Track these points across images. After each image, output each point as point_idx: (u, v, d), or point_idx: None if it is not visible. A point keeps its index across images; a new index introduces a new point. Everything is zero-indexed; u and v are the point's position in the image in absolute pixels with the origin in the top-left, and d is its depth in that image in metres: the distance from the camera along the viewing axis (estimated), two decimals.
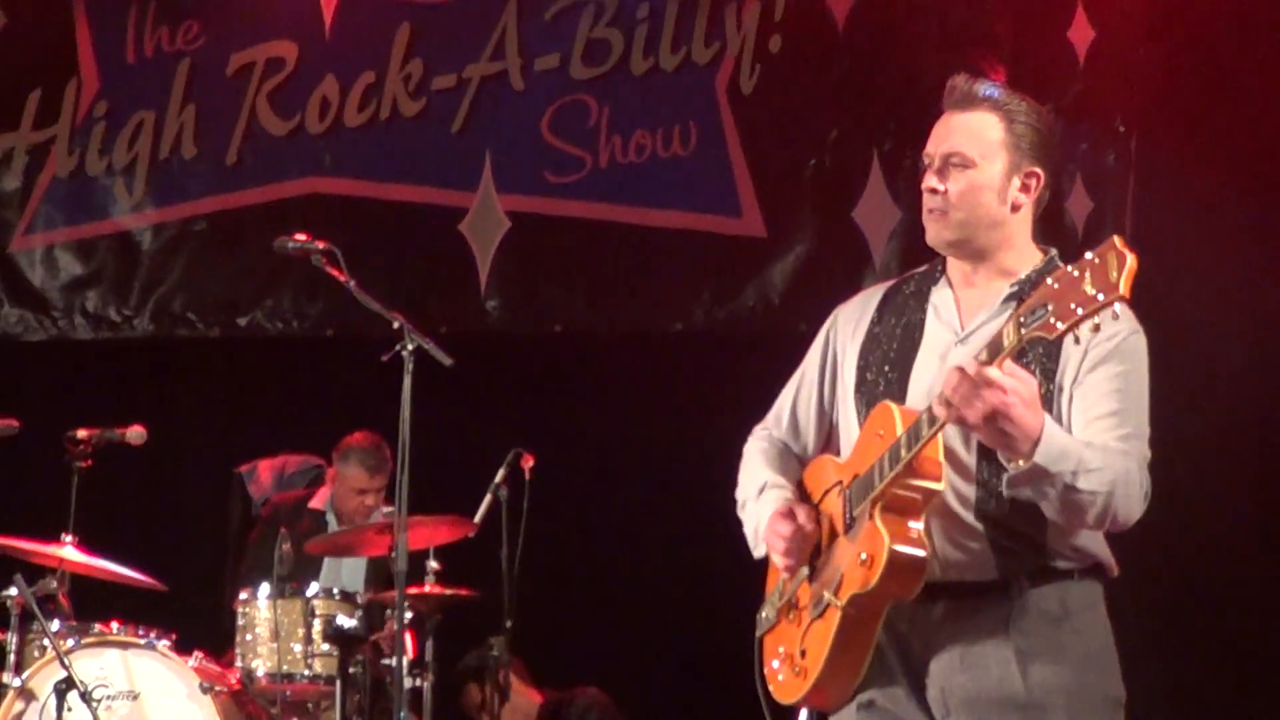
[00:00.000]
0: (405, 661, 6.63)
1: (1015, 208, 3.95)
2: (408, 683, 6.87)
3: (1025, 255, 3.98)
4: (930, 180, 3.96)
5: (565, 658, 8.25)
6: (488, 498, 7.50)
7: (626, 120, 9.12)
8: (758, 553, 4.17)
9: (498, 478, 7.52)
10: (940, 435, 3.69)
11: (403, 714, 6.41)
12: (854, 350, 4.09)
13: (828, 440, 4.20)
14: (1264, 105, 8.24)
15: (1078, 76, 8.53)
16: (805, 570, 3.97)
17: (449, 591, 7.37)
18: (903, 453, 3.67)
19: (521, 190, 9.20)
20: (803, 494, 4.13)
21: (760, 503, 4.12)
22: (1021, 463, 3.55)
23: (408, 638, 6.92)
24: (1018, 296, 3.80)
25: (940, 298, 4.02)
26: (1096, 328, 3.38)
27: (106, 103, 9.66)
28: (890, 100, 8.60)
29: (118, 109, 9.64)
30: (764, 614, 4.17)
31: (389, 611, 6.87)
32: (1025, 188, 3.95)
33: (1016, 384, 3.49)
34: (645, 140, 9.07)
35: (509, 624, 7.63)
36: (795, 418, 4.27)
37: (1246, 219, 8.27)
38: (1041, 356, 3.76)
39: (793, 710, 4.09)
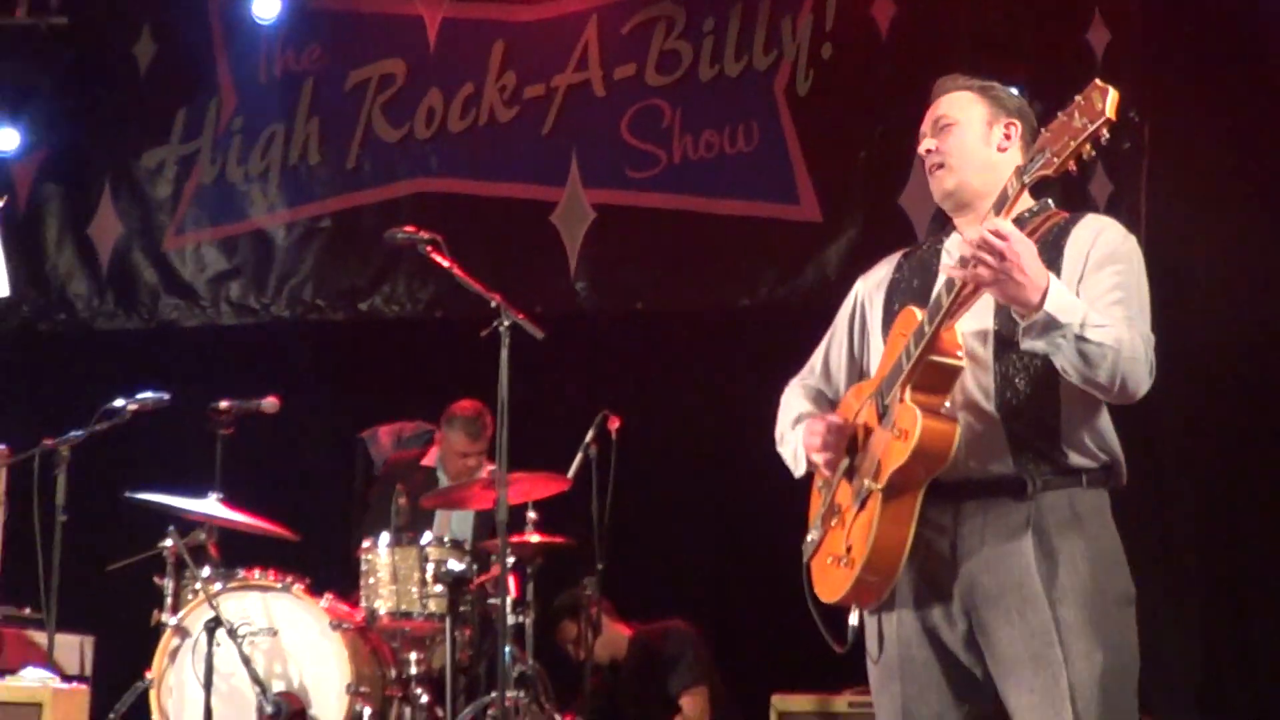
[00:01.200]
0: (509, 601, 6.61)
1: (1001, 149, 3.96)
2: (511, 619, 6.84)
3: (1020, 201, 3.84)
4: (924, 144, 4.02)
5: (650, 596, 8.20)
6: (579, 455, 7.49)
7: (696, 121, 9.07)
8: (798, 471, 4.13)
9: (587, 438, 7.51)
10: (958, 327, 3.68)
11: (507, 647, 6.38)
12: (879, 298, 4.10)
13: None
14: (1263, 94, 8.19)
15: (1096, 73, 8.33)
16: (844, 465, 3.90)
17: (546, 539, 7.34)
18: (926, 328, 3.63)
19: (605, 185, 9.17)
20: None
21: (797, 430, 4.09)
22: (1033, 314, 3.48)
23: (510, 580, 6.90)
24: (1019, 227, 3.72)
25: (951, 242, 4.02)
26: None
27: (243, 118, 9.70)
28: (929, 97, 8.45)
29: (252, 123, 9.67)
30: (810, 538, 4.09)
31: (493, 557, 6.82)
32: (1007, 135, 3.98)
33: (1023, 237, 3.48)
34: (713, 138, 9.03)
35: (600, 567, 7.61)
36: (828, 365, 4.24)
37: (1249, 194, 8.19)
38: (1045, 264, 3.62)
39: (845, 635, 3.96)
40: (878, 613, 3.90)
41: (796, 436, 4.07)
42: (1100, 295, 3.68)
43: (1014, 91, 4.06)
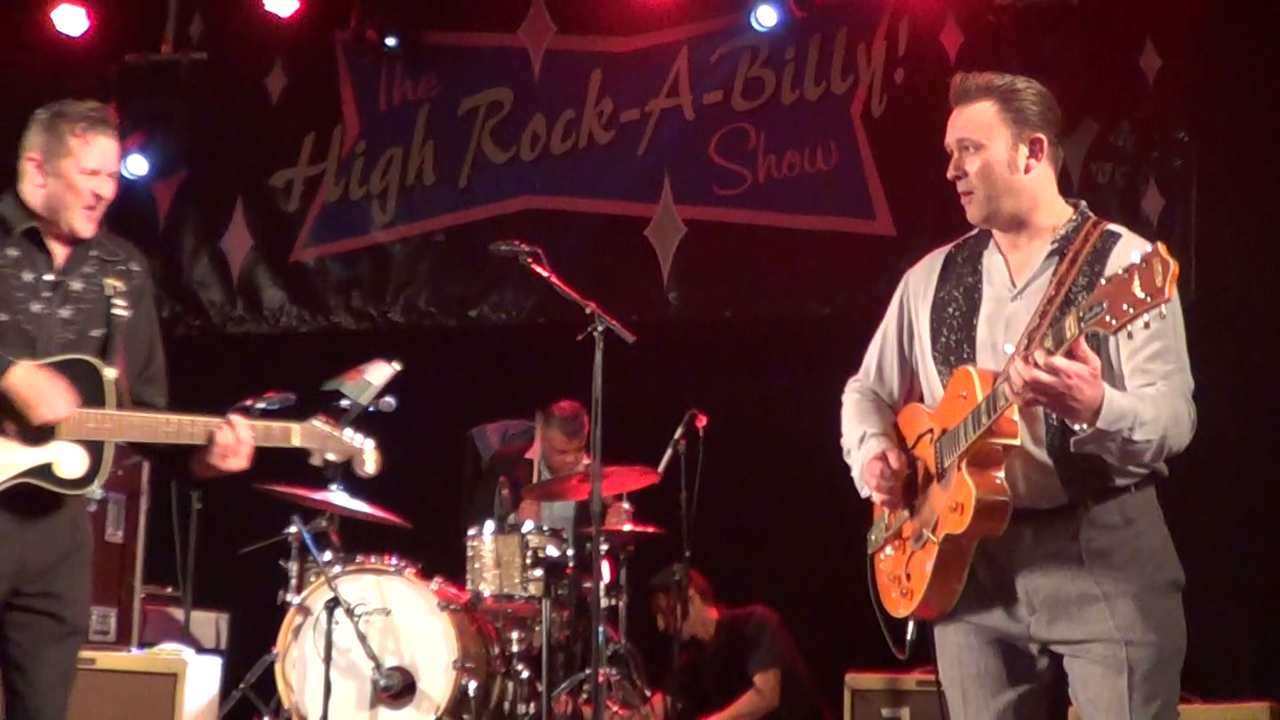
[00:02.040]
0: (603, 585, 6.58)
1: (1028, 170, 3.77)
2: (605, 602, 6.84)
3: (1055, 210, 3.82)
4: (951, 170, 3.83)
5: (733, 580, 8.13)
6: (668, 451, 7.44)
7: (779, 142, 9.00)
8: (864, 492, 4.05)
9: (676, 434, 7.46)
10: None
11: (601, 627, 6.32)
12: (925, 312, 3.96)
13: (910, 385, 4.07)
14: None
15: (1147, 96, 8.41)
16: (906, 512, 3.88)
17: (638, 527, 7.31)
18: (984, 420, 3.55)
19: (695, 201, 9.11)
20: (898, 436, 4.02)
21: (862, 450, 4.01)
22: (1085, 427, 3.44)
23: (605, 565, 6.84)
24: (1059, 252, 3.72)
25: (991, 262, 3.86)
26: (1147, 325, 3.22)
27: (365, 142, 9.73)
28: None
29: (373, 147, 9.70)
30: (872, 536, 4.08)
31: (589, 544, 6.76)
32: (1033, 153, 3.78)
33: (1080, 367, 3.36)
34: (794, 158, 8.96)
35: (688, 553, 7.55)
36: (881, 370, 4.14)
37: None
38: (1091, 274, 3.62)
39: (904, 643, 3.97)
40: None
41: (862, 457, 4.00)
42: (1140, 348, 3.61)
43: (1031, 88, 3.84)
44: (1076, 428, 3.48)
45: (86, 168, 4.40)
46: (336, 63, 9.80)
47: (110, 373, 4.38)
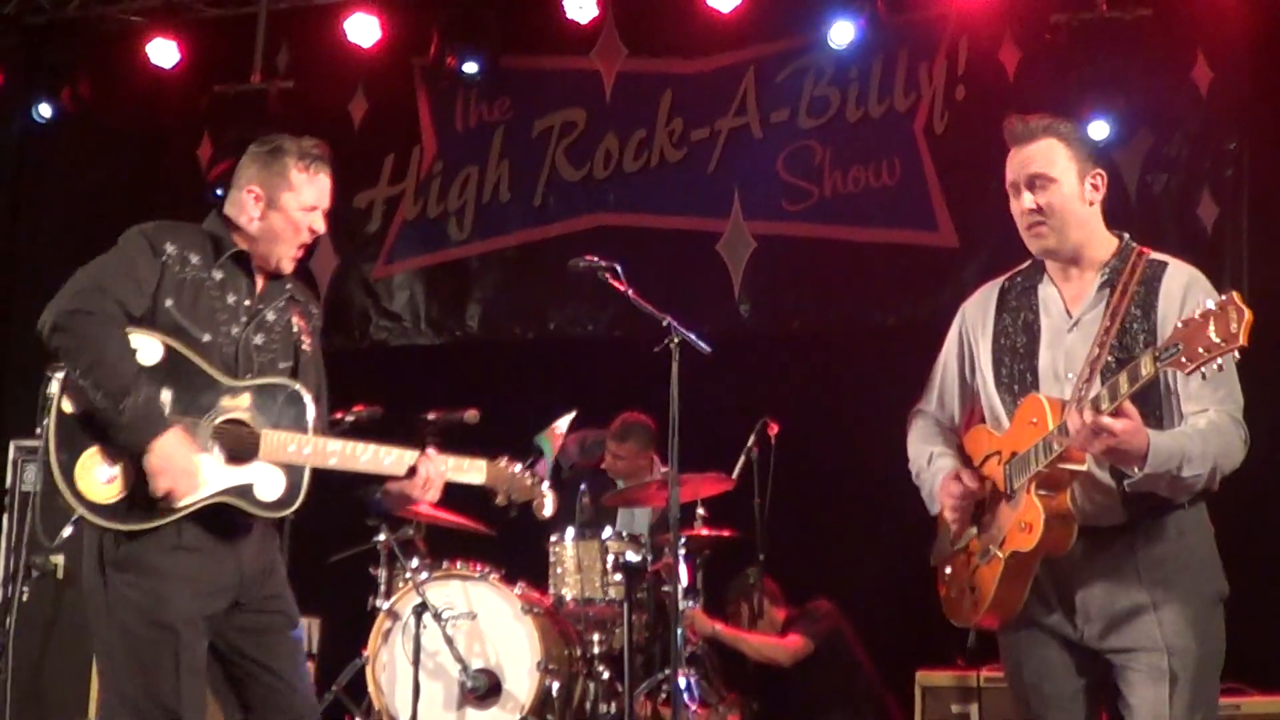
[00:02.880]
0: (680, 588, 6.61)
1: (1091, 203, 4.00)
2: (683, 604, 6.84)
3: (1104, 243, 4.05)
4: (1025, 203, 3.99)
5: (806, 582, 8.11)
6: (742, 458, 7.49)
7: (844, 158, 9.03)
8: (933, 510, 4.26)
9: (750, 442, 7.52)
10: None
11: (679, 630, 6.36)
12: (985, 344, 4.16)
13: (970, 411, 4.28)
14: None
15: (1200, 108, 8.41)
16: (973, 529, 4.05)
17: (713, 532, 7.34)
18: (1055, 447, 3.72)
19: (764, 217, 9.15)
20: (963, 456, 4.20)
21: (931, 469, 4.22)
22: (1136, 470, 3.65)
23: (682, 569, 6.89)
24: (1109, 284, 3.93)
25: (1047, 294, 4.07)
26: (1220, 368, 3.40)
27: (442, 162, 9.82)
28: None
29: (450, 166, 9.80)
30: (936, 547, 4.27)
31: (667, 549, 6.81)
32: (1095, 186, 4.00)
33: (1125, 424, 3.57)
34: (859, 174, 8.98)
35: (761, 557, 7.59)
36: (942, 398, 4.36)
37: None
38: (1146, 333, 3.82)
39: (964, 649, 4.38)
40: None
41: (933, 479, 4.19)
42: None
43: (1084, 128, 4.06)
44: (1129, 474, 3.67)
45: (307, 203, 4.45)
46: (415, 88, 9.92)
47: (310, 400, 4.40)
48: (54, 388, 7.71)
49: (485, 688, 6.72)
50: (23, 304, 10.08)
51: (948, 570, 4.20)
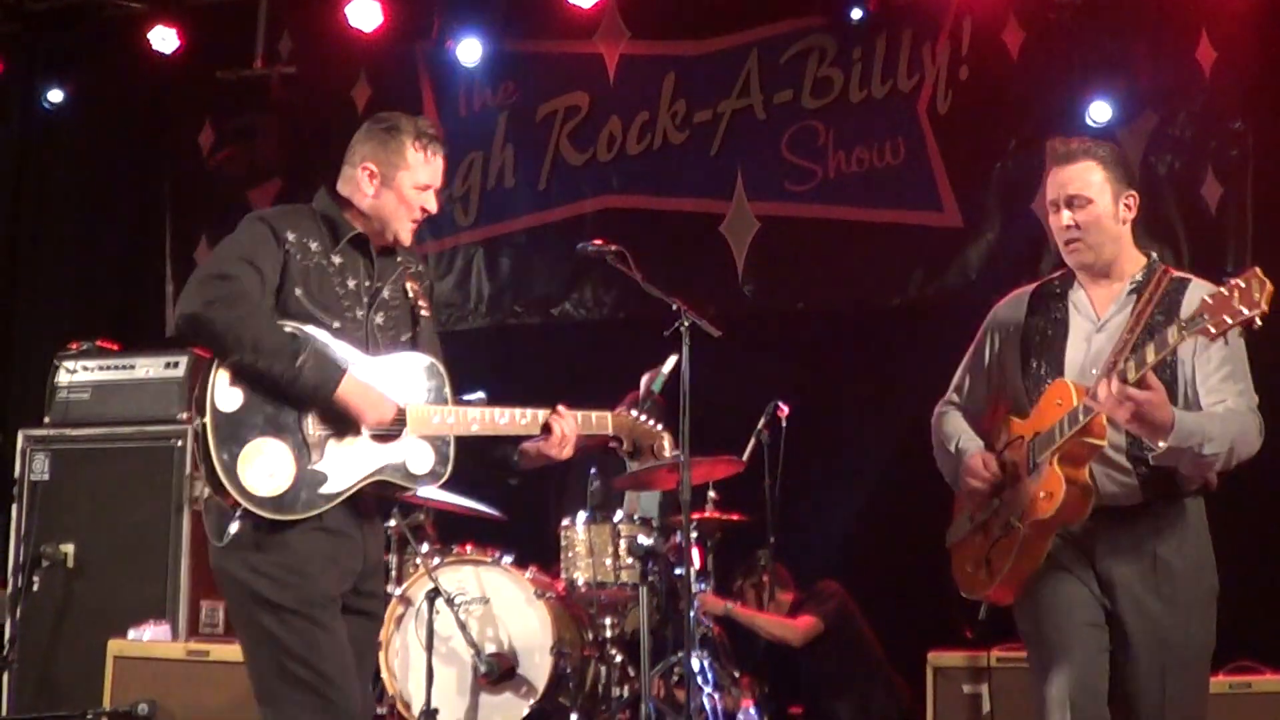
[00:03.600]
0: (692, 571, 6.62)
1: (1124, 221, 4.30)
2: (695, 587, 6.85)
3: (1134, 259, 4.34)
4: (1064, 220, 4.28)
5: (816, 565, 8.12)
6: (752, 441, 7.49)
7: (848, 139, 9.02)
8: (958, 489, 4.51)
9: (759, 424, 7.52)
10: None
11: (692, 613, 6.38)
12: (1015, 342, 4.43)
13: (995, 405, 4.52)
14: None
15: (1204, 88, 8.41)
16: (995, 503, 4.29)
17: (724, 515, 7.35)
18: (1080, 417, 3.99)
19: (767, 198, 9.14)
20: (987, 443, 4.45)
21: (958, 450, 4.47)
22: (1161, 443, 3.92)
23: (694, 552, 6.89)
24: (1137, 291, 4.25)
25: (1077, 297, 4.37)
26: (1244, 330, 3.71)
27: (447, 147, 9.72)
28: (1056, 113, 8.43)
29: (455, 151, 9.60)
30: (953, 530, 4.54)
31: (678, 531, 6.82)
32: (1128, 207, 4.29)
33: (1150, 395, 3.85)
34: (863, 154, 8.97)
35: (772, 540, 7.59)
36: (971, 393, 4.61)
37: None
38: (1164, 319, 4.08)
39: (974, 624, 4.47)
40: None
41: (958, 459, 4.44)
42: (1212, 372, 4.11)
43: (1118, 149, 4.35)
44: (1152, 448, 3.95)
45: (421, 183, 4.47)
46: (418, 73, 9.89)
47: (444, 370, 4.48)
48: (62, 377, 7.77)
49: (499, 672, 6.72)
50: (28, 292, 10.08)
51: (963, 546, 4.45)
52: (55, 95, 9.94)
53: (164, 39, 9.71)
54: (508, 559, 7.01)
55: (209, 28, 9.82)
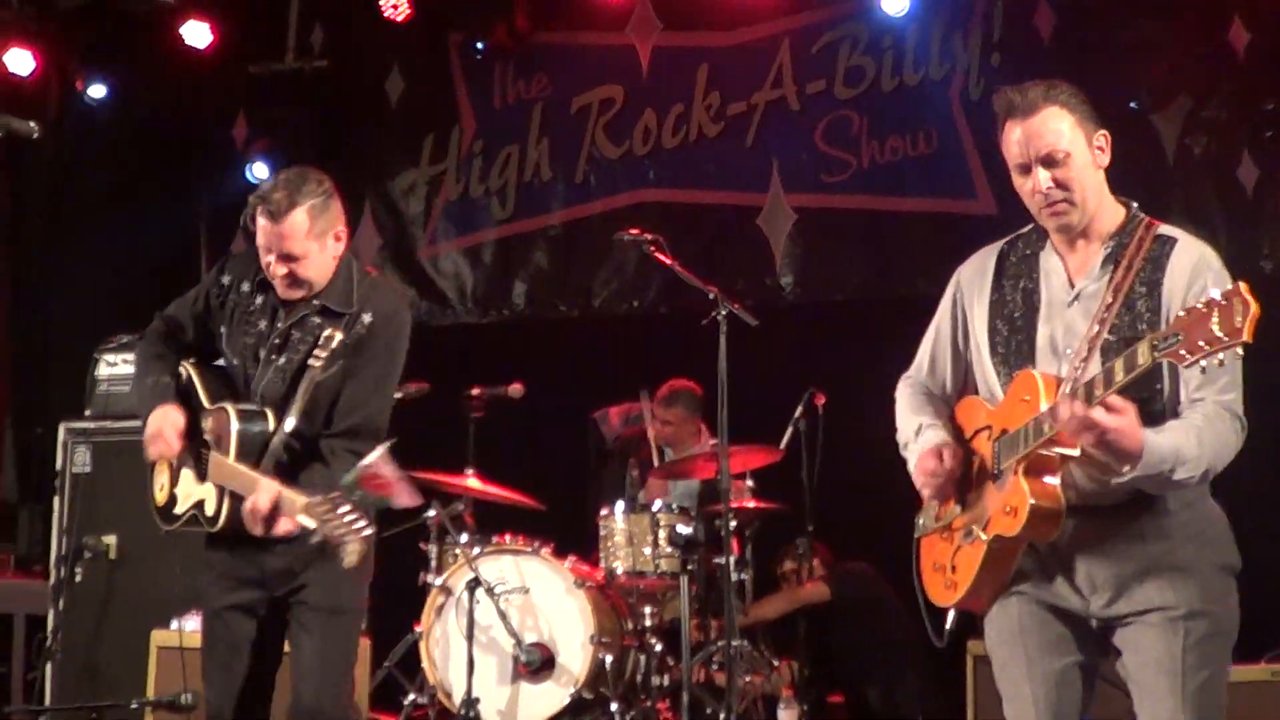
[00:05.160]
0: (731, 560, 6.64)
1: (1099, 168, 3.74)
2: (734, 576, 6.87)
3: (1112, 212, 3.77)
4: (1042, 182, 3.68)
5: (854, 552, 8.09)
6: (789, 429, 7.50)
7: (881, 128, 9.04)
8: (919, 484, 3.99)
9: (797, 413, 7.54)
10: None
11: (732, 600, 6.40)
12: (981, 312, 3.91)
13: (964, 381, 4.03)
14: None
15: (1238, 70, 8.37)
16: (957, 506, 3.82)
17: (762, 504, 7.36)
18: (1045, 428, 3.51)
19: (803, 189, 9.16)
20: (955, 429, 3.95)
21: (919, 442, 3.96)
22: (1126, 469, 3.44)
23: (733, 541, 6.91)
24: (1114, 258, 3.68)
25: (1050, 264, 3.80)
26: (1221, 363, 3.18)
27: (482, 141, 9.85)
28: (1087, 97, 8.38)
29: (490, 146, 9.82)
30: (921, 521, 4.03)
31: (717, 521, 6.84)
32: (1101, 149, 3.74)
33: (1119, 420, 3.37)
34: (897, 143, 8.99)
35: (810, 528, 7.60)
36: (934, 365, 4.12)
37: None
38: (1150, 311, 3.58)
39: (943, 633, 3.92)
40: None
41: (919, 448, 3.95)
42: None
43: (1077, 91, 3.76)
44: (1117, 470, 3.46)
45: (261, 245, 4.63)
46: (451, 65, 9.93)
47: (270, 424, 4.57)
48: (102, 370, 7.84)
49: (539, 662, 6.74)
50: (68, 286, 10.13)
51: (927, 546, 3.99)
52: (90, 91, 10.00)
53: (197, 34, 9.75)
54: (547, 548, 7.03)
55: (242, 22, 9.86)
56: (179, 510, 4.66)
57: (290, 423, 4.52)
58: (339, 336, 4.59)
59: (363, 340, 4.63)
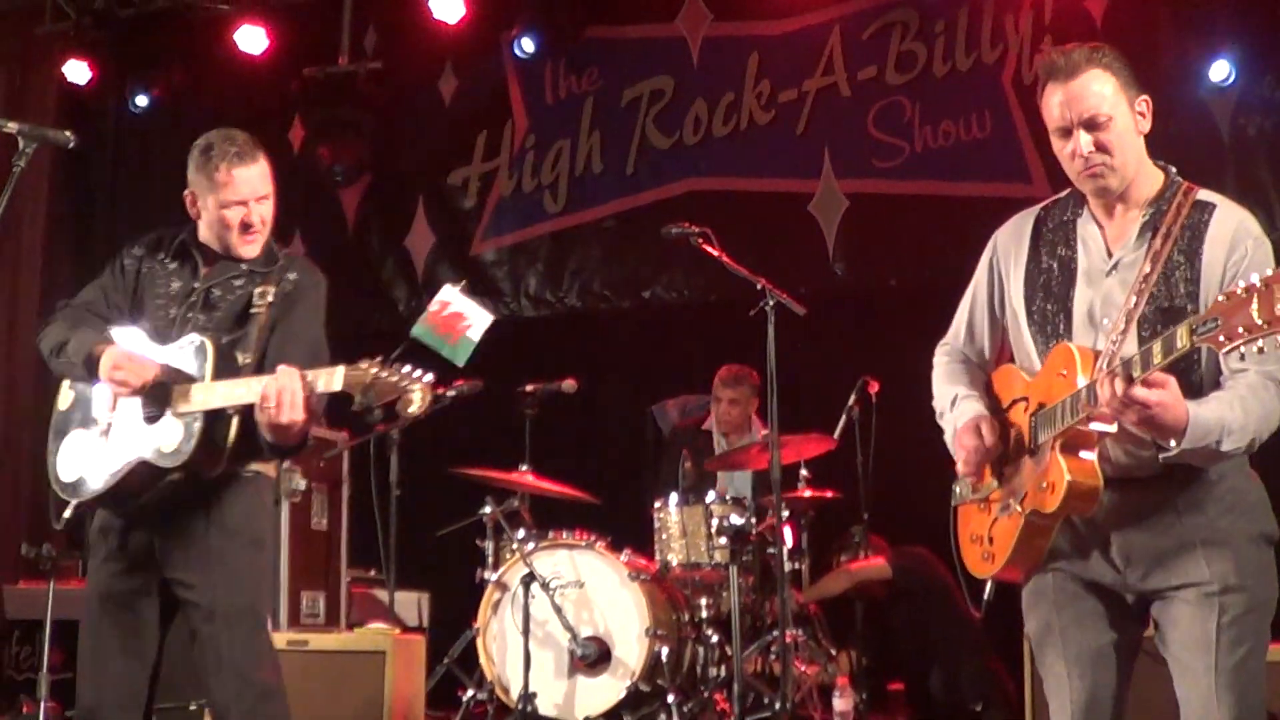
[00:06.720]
0: (785, 550, 6.58)
1: (1141, 134, 3.65)
2: (788, 566, 6.82)
3: (1151, 178, 3.69)
4: (1084, 146, 3.60)
5: (910, 539, 7.99)
6: (843, 417, 7.44)
7: (934, 113, 8.95)
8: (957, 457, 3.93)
9: (850, 401, 7.46)
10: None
11: (786, 591, 6.35)
12: (1018, 278, 3.84)
13: (1001, 346, 3.96)
14: None
15: None
16: (994, 481, 3.77)
17: (816, 493, 7.31)
18: (1083, 406, 3.45)
19: (855, 175, 9.08)
20: (991, 398, 3.90)
21: (955, 413, 3.91)
22: (1174, 443, 3.38)
23: (787, 531, 6.86)
24: (1152, 226, 3.60)
25: (1087, 232, 3.72)
26: (1261, 350, 3.10)
27: (534, 136, 9.85)
28: (1139, 78, 8.27)
29: (542, 140, 9.82)
30: (958, 490, 3.97)
31: (771, 511, 6.78)
32: (1142, 114, 3.66)
33: (1161, 395, 3.31)
34: (950, 128, 8.90)
35: (866, 516, 7.53)
36: (972, 332, 4.03)
37: None
38: (1188, 281, 3.52)
39: (981, 604, 3.84)
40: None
41: (955, 420, 3.90)
42: None
43: (1115, 50, 3.67)
44: (1165, 445, 3.41)
45: (228, 200, 4.53)
46: (503, 62, 9.93)
47: (211, 349, 4.41)
48: None
49: (595, 655, 6.75)
50: None
51: (965, 515, 3.94)
52: (145, 99, 10.06)
53: (251, 39, 9.82)
54: (601, 542, 7.02)
55: (295, 26, 9.92)
56: (109, 469, 4.41)
57: (248, 360, 4.43)
58: (272, 289, 4.55)
59: (290, 295, 4.59)
